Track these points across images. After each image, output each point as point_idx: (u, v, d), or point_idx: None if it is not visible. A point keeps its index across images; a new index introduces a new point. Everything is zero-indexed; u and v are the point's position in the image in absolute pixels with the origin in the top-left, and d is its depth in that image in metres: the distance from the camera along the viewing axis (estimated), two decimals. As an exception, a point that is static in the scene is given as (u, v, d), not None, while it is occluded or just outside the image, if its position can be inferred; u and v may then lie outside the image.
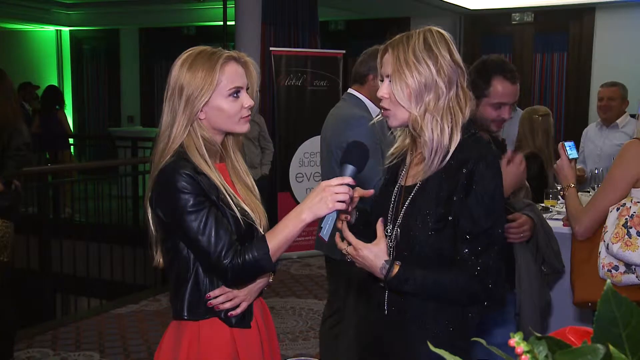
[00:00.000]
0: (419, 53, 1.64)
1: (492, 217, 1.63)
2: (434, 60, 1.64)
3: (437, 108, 1.65)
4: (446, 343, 1.63)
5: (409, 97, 1.65)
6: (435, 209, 1.66)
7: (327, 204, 1.62)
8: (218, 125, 1.78)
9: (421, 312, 1.69)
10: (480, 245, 1.62)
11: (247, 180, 1.90)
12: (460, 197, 1.63)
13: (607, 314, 0.76)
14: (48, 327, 4.71)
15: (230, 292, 1.77)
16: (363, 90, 3.20)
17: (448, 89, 1.65)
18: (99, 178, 8.00)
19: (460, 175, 1.63)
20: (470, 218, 1.62)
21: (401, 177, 1.80)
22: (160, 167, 1.73)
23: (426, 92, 1.64)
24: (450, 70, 1.66)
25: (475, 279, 1.62)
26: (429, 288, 1.64)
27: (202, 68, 1.72)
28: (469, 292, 1.63)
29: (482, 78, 2.34)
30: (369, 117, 3.08)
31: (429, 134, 1.65)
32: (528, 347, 0.74)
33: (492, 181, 1.64)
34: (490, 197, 1.63)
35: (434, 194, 1.67)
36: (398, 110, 1.69)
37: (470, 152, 1.65)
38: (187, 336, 1.77)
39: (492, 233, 1.64)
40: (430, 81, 1.64)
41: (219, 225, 1.68)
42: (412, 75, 1.63)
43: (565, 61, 8.73)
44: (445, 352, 0.78)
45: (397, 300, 1.73)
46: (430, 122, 1.64)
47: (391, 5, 8.81)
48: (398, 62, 1.65)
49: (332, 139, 3.16)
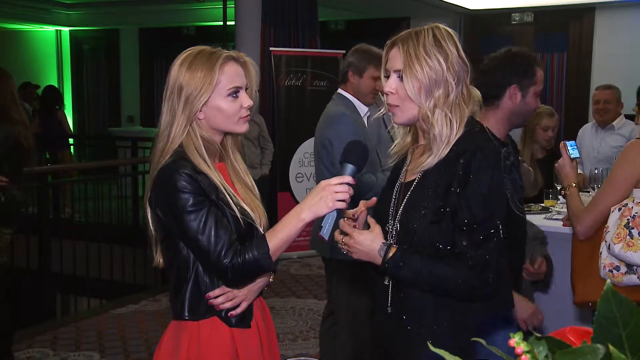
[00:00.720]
0: (429, 48, 1.64)
1: (489, 207, 1.62)
2: (444, 56, 1.65)
3: (447, 103, 1.65)
4: (447, 344, 1.63)
5: (419, 92, 1.64)
6: (432, 201, 1.65)
7: (327, 203, 1.62)
8: (217, 125, 1.78)
9: (422, 312, 1.69)
10: (479, 237, 1.61)
11: (246, 180, 1.90)
12: (457, 188, 1.62)
13: (607, 314, 0.76)
14: (48, 327, 4.71)
15: (230, 291, 1.76)
16: (347, 89, 3.22)
17: (457, 84, 1.66)
18: (99, 178, 8.00)
19: (457, 166, 1.63)
20: (467, 209, 1.61)
21: (402, 175, 1.80)
22: (159, 166, 1.73)
23: (436, 88, 1.64)
24: (458, 66, 1.66)
25: (473, 272, 1.60)
26: (426, 276, 1.63)
27: (201, 68, 1.72)
28: (467, 285, 1.61)
29: (529, 68, 2.30)
30: (352, 114, 3.12)
31: (439, 129, 1.65)
32: (528, 347, 0.74)
33: (488, 171, 1.62)
34: (487, 187, 1.61)
35: (432, 187, 1.67)
36: (407, 105, 1.68)
37: (467, 144, 1.65)
38: (187, 336, 1.77)
39: (490, 225, 1.62)
40: (440, 77, 1.64)
41: (218, 224, 1.68)
42: (423, 70, 1.63)
43: (565, 61, 8.72)
44: (445, 352, 0.77)
45: (398, 300, 1.73)
46: (441, 116, 1.65)
47: (391, 5, 8.81)
48: (408, 56, 1.65)
49: (316, 139, 3.21)
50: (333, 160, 3.04)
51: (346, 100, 3.20)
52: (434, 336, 1.65)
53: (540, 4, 8.61)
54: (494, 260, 1.62)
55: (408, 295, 1.71)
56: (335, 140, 3.02)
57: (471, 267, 1.60)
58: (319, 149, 3.17)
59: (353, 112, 3.15)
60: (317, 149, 3.20)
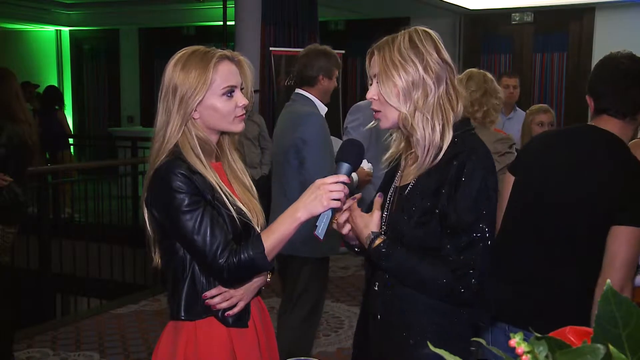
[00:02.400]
0: (404, 51, 1.64)
1: (477, 211, 1.60)
2: (420, 58, 1.64)
3: (427, 106, 1.64)
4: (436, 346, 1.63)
5: (397, 96, 1.65)
6: (421, 202, 1.66)
7: (322, 202, 1.62)
8: (212, 124, 1.78)
9: (411, 317, 1.68)
10: (463, 242, 1.60)
11: (244, 179, 1.89)
12: (448, 191, 1.61)
13: (607, 314, 0.76)
14: (48, 327, 4.71)
15: (226, 291, 1.76)
16: (312, 90, 3.32)
17: (437, 86, 1.65)
18: (99, 178, 8.00)
19: (450, 168, 1.62)
20: (454, 212, 1.60)
21: (396, 179, 1.81)
22: (155, 166, 1.73)
23: (414, 90, 1.64)
24: (437, 67, 1.65)
25: (454, 275, 1.59)
26: (407, 272, 1.64)
27: (195, 67, 1.72)
28: (447, 287, 1.60)
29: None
30: (319, 115, 3.25)
31: (420, 132, 1.64)
32: (528, 348, 0.74)
33: (480, 174, 1.61)
34: (477, 191, 1.60)
35: (422, 189, 1.67)
36: (388, 110, 1.69)
37: (461, 147, 1.64)
38: (184, 336, 1.77)
39: (475, 228, 1.60)
40: (417, 79, 1.64)
41: (214, 224, 1.68)
42: (399, 74, 1.64)
43: (565, 61, 8.72)
44: (445, 352, 0.78)
45: (388, 306, 1.72)
46: (421, 120, 1.64)
47: (391, 5, 8.81)
48: (384, 62, 1.66)
49: (283, 139, 3.29)
50: (302, 160, 3.13)
51: (309, 101, 3.31)
52: (422, 341, 1.65)
53: (540, 4, 8.61)
54: (478, 265, 1.60)
55: (397, 301, 1.70)
56: (311, 139, 3.14)
57: (452, 271, 1.60)
58: (286, 148, 3.23)
59: (319, 112, 3.28)
60: (284, 149, 3.25)
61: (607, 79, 2.13)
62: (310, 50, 3.36)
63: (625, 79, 2.09)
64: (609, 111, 2.12)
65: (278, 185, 3.35)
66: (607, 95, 2.11)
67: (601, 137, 2.11)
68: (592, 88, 2.17)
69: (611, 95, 2.10)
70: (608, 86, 2.12)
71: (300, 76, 3.35)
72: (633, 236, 1.96)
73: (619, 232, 1.96)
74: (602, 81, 2.14)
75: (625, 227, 1.96)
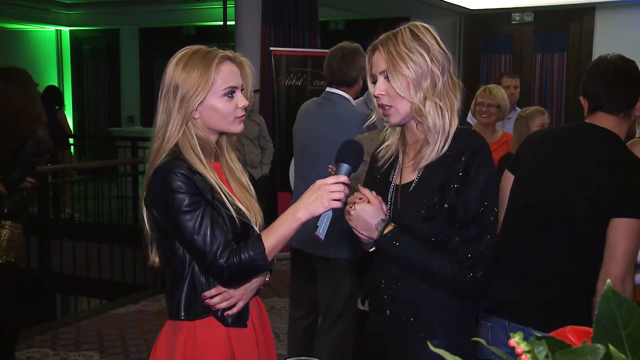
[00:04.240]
0: (409, 44, 1.67)
1: (483, 202, 1.65)
2: (426, 49, 1.68)
3: (436, 93, 1.68)
4: (443, 343, 1.64)
5: (407, 87, 1.67)
6: (428, 197, 1.68)
7: (322, 203, 1.62)
8: (212, 125, 1.78)
9: (419, 310, 1.70)
10: (471, 234, 1.64)
11: (242, 179, 1.89)
12: (456, 186, 1.65)
13: (607, 314, 0.76)
14: (48, 327, 4.71)
15: (226, 291, 1.76)
16: (350, 92, 3.25)
17: (442, 74, 1.69)
18: (99, 178, 8.01)
19: (457, 164, 1.66)
20: (462, 206, 1.64)
21: (395, 177, 1.80)
22: (155, 166, 1.73)
23: (424, 80, 1.67)
24: (440, 56, 1.69)
25: (462, 267, 1.63)
26: (415, 261, 1.66)
27: (197, 67, 1.72)
28: (453, 278, 1.64)
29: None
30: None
31: (432, 119, 1.68)
32: (528, 347, 0.74)
33: (487, 169, 1.67)
34: (483, 184, 1.65)
35: (429, 184, 1.69)
36: (399, 103, 1.70)
37: (467, 143, 1.68)
38: (183, 336, 1.77)
39: (483, 220, 1.64)
40: (425, 69, 1.67)
41: (214, 224, 1.68)
42: (408, 65, 1.66)
43: (565, 61, 8.73)
44: (445, 352, 0.77)
45: (396, 300, 1.73)
46: (432, 107, 1.68)
47: (391, 5, 8.81)
48: (391, 56, 1.68)
49: (321, 135, 3.22)
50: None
51: (348, 101, 3.23)
52: (430, 333, 1.67)
53: (540, 4, 8.62)
54: (485, 259, 1.64)
55: (405, 296, 1.72)
56: None
57: (459, 262, 1.63)
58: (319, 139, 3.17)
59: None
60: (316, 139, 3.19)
61: (599, 78, 2.18)
62: (346, 51, 3.18)
63: (616, 77, 2.14)
64: (602, 108, 2.16)
65: None
66: (599, 93, 2.16)
67: (598, 133, 2.15)
68: (585, 89, 2.23)
69: (603, 92, 2.16)
70: (600, 84, 2.17)
71: (340, 76, 3.19)
72: (632, 227, 1.99)
73: (618, 224, 2.00)
74: (594, 80, 2.19)
75: (625, 219, 1.99)
